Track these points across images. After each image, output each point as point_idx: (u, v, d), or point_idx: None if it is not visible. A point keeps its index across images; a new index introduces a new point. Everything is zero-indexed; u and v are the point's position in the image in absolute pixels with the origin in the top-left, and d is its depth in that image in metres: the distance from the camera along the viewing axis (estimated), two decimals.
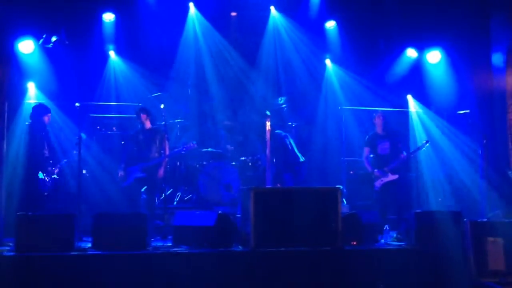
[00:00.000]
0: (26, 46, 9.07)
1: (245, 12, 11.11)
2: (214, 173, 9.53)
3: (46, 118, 8.24)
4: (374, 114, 9.05)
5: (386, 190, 8.64)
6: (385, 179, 8.62)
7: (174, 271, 6.25)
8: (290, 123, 10.33)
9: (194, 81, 11.21)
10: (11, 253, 6.36)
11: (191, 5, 10.94)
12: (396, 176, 8.62)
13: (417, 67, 10.78)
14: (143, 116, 8.63)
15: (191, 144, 8.86)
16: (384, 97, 10.70)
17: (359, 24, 10.81)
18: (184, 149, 8.87)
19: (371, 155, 8.93)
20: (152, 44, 10.60)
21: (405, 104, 10.67)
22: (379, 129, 8.88)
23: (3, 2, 7.62)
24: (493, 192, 8.56)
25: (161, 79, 10.90)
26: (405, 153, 8.75)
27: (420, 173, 10.22)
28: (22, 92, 9.26)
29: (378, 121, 8.86)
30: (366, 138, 9.03)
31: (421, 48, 10.66)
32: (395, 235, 7.75)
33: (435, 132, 10.26)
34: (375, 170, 8.70)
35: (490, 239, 6.66)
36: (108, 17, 10.30)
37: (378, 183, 8.65)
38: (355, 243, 6.89)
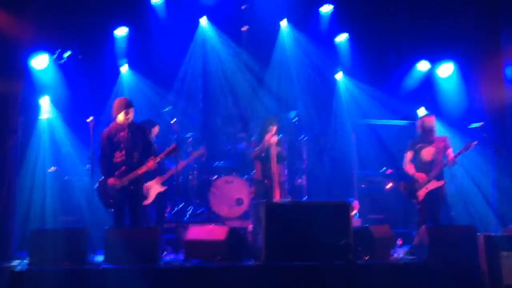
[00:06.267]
0: (39, 62, 9.16)
1: (256, 26, 11.17)
2: (226, 187, 9.54)
3: (120, 117, 7.31)
4: (424, 115, 8.44)
5: (429, 199, 7.97)
6: (430, 187, 7.97)
7: (186, 285, 6.26)
8: (301, 137, 10.33)
9: (205, 95, 11.28)
10: (25, 267, 6.41)
11: (202, 19, 11.03)
12: (442, 182, 8.00)
13: (429, 80, 10.76)
14: (154, 129, 8.68)
15: (198, 151, 8.80)
16: (396, 109, 10.68)
17: (370, 37, 10.81)
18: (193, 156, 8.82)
19: (413, 161, 8.23)
20: (164, 59, 10.67)
21: (417, 117, 10.63)
22: (424, 133, 8.16)
23: (17, 18, 7.71)
24: (507, 206, 8.47)
25: (172, 93, 10.98)
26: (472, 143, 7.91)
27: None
28: (36, 107, 9.34)
29: (425, 123, 8.16)
30: (409, 143, 8.31)
31: (433, 61, 10.64)
32: (407, 249, 7.70)
33: None
34: (417, 173, 8.01)
35: (504, 253, 6.58)
36: (121, 32, 10.39)
37: (422, 192, 8.00)
38: (367, 257, 6.85)
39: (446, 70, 10.55)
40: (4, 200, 7.30)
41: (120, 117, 7.25)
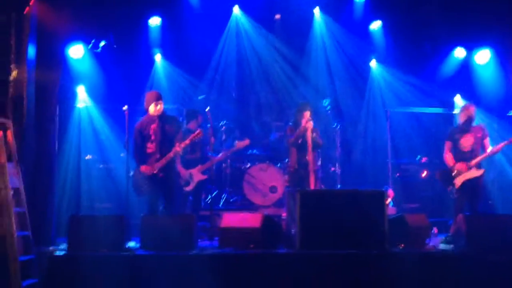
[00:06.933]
0: (76, 51, 9.30)
1: (289, 14, 11.13)
2: (259, 175, 9.56)
3: (151, 109, 7.54)
4: (467, 104, 8.30)
5: (467, 188, 7.82)
6: (469, 175, 7.81)
7: (220, 272, 6.30)
8: (335, 125, 10.29)
9: (238, 83, 11.31)
10: (63, 253, 6.56)
11: (235, 8, 11.02)
12: (482, 171, 7.83)
13: (466, 67, 10.57)
14: (200, 118, 8.76)
15: (242, 142, 9.01)
16: (431, 97, 10.55)
17: (405, 24, 10.64)
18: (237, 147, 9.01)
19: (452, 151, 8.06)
20: (198, 47, 10.72)
21: (453, 105, 10.49)
22: (464, 122, 8.02)
23: (54, 8, 7.83)
24: None
25: (206, 82, 11.03)
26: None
27: None
28: (73, 96, 9.50)
29: (466, 112, 8.00)
30: (448, 132, 8.22)
31: (470, 48, 10.45)
32: (444, 238, 7.61)
33: None
34: (457, 164, 7.88)
35: None
36: (154, 21, 10.46)
37: (459, 180, 7.85)
38: (402, 246, 6.80)
39: (483, 57, 10.35)
40: (43, 187, 7.46)
41: (151, 109, 7.47)
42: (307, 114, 8.31)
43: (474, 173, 7.82)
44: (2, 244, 6.03)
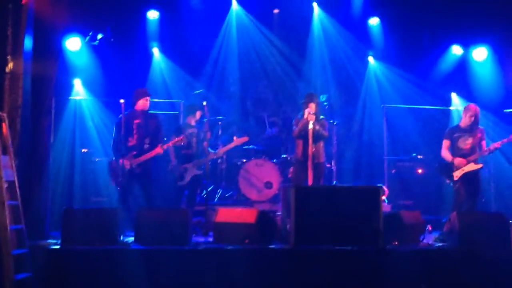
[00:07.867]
0: (73, 44, 9.28)
1: (287, 9, 11.11)
2: (255, 171, 9.56)
3: (140, 103, 7.99)
4: (472, 104, 8.27)
5: (465, 181, 7.93)
6: (467, 169, 7.91)
7: (215, 267, 6.31)
8: (331, 121, 10.27)
9: (236, 78, 11.28)
10: (57, 246, 6.55)
11: (234, 2, 11.00)
12: (480, 166, 7.96)
13: (463, 65, 10.57)
14: (199, 113, 8.73)
15: (241, 139, 8.98)
16: (428, 95, 10.54)
17: (403, 20, 10.65)
18: (235, 143, 8.97)
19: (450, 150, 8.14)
20: (196, 42, 10.71)
21: (450, 102, 10.50)
22: (465, 122, 8.08)
23: (51, 0, 7.79)
24: None
25: (203, 77, 11.01)
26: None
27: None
28: (69, 88, 9.47)
29: (472, 113, 8.03)
30: (447, 131, 8.30)
31: (467, 45, 10.45)
32: (437, 235, 7.63)
33: None
34: (456, 158, 7.96)
35: None
36: (153, 15, 10.44)
37: (458, 173, 7.93)
38: (396, 243, 6.81)
39: (480, 54, 10.36)
40: (38, 180, 7.44)
41: (139, 104, 7.92)
42: (312, 105, 8.20)
43: (473, 166, 7.92)
44: None
